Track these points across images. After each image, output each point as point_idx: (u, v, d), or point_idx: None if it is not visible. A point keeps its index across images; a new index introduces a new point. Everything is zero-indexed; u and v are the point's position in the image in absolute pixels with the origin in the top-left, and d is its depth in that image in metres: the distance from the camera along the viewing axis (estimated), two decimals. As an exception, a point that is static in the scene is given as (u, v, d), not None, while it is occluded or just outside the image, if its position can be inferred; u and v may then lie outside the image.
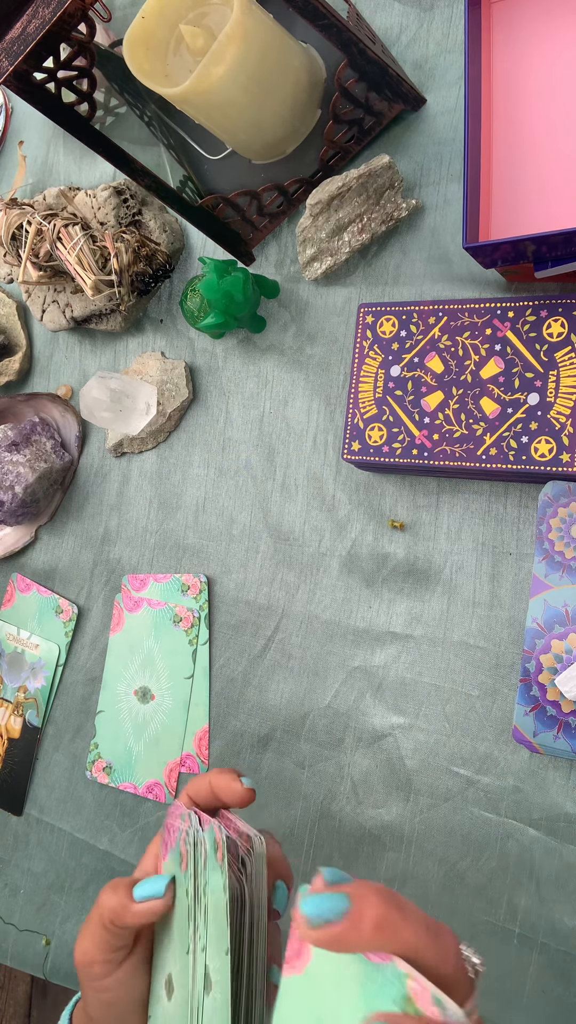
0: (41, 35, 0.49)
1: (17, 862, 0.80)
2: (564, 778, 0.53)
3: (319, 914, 0.30)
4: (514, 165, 0.51)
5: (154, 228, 0.73)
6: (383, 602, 0.61)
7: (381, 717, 0.60)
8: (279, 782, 0.64)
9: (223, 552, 0.69)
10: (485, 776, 0.55)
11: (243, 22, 0.53)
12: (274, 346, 0.68)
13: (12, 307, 0.84)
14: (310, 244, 0.63)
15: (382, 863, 0.59)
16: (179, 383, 0.71)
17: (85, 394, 0.70)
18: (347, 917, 0.30)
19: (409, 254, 0.61)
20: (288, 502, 0.66)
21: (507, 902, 0.54)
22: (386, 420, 0.56)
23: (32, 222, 0.71)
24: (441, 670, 0.58)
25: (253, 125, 0.61)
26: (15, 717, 0.81)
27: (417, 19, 0.62)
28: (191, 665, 0.70)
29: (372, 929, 0.30)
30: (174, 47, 0.58)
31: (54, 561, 0.81)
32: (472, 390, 0.53)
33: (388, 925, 0.30)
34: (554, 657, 0.50)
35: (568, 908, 0.52)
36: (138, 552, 0.75)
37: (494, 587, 0.56)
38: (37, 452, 0.77)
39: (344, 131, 0.61)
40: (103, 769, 0.74)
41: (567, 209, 0.49)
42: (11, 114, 0.89)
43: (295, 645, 0.65)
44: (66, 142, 0.83)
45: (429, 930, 0.30)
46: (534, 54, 0.52)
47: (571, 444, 0.50)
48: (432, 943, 0.30)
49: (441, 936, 0.31)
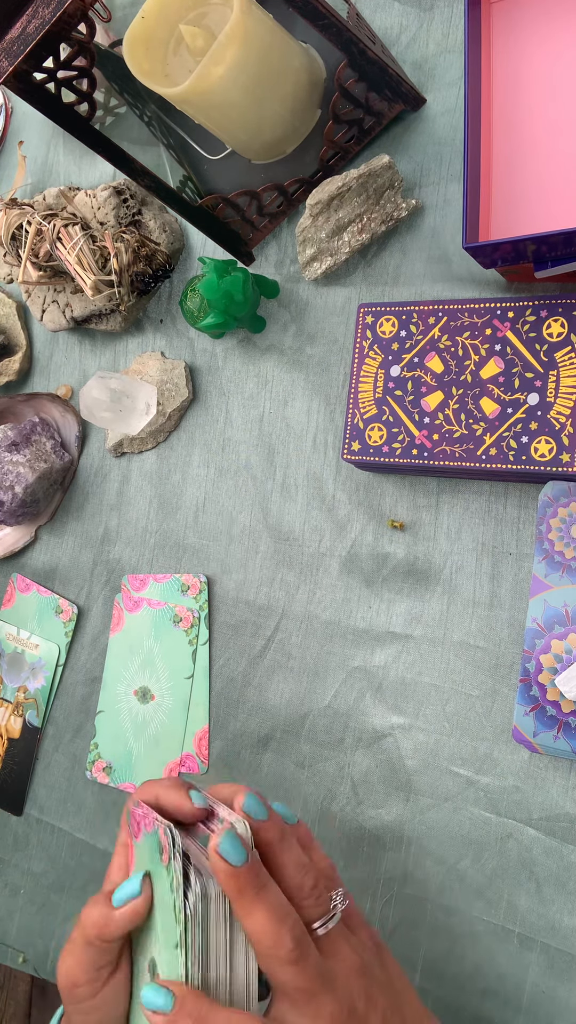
0: (41, 35, 0.49)
1: (17, 862, 0.80)
2: (564, 778, 0.53)
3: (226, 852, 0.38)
4: (514, 165, 0.51)
5: (154, 228, 0.73)
6: (383, 602, 0.61)
7: (381, 717, 0.60)
8: (279, 782, 0.64)
9: (223, 552, 0.69)
10: (485, 776, 0.55)
11: (243, 22, 0.53)
12: (274, 346, 0.68)
13: (12, 307, 0.84)
14: (310, 244, 0.63)
15: (382, 863, 0.59)
16: (179, 383, 0.71)
17: (85, 394, 0.70)
18: None
19: (409, 254, 0.61)
20: (288, 502, 0.66)
21: (507, 902, 0.54)
22: (386, 420, 0.56)
23: (32, 222, 0.71)
24: (441, 670, 0.58)
25: (253, 125, 0.61)
26: (15, 717, 0.81)
27: (417, 19, 0.62)
28: (191, 665, 0.70)
29: None
30: (174, 47, 0.58)
31: (54, 561, 0.81)
32: (472, 390, 0.53)
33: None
34: (554, 657, 0.50)
35: (568, 908, 0.52)
36: (138, 552, 0.75)
37: (494, 587, 0.56)
38: (37, 452, 0.77)
39: (344, 131, 0.61)
40: (103, 769, 0.74)
41: (567, 209, 0.49)
42: (11, 114, 0.89)
43: (295, 645, 0.65)
44: (66, 142, 0.83)
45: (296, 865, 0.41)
46: (534, 54, 0.52)
47: (571, 444, 0.50)
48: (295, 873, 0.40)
49: (281, 927, 0.37)
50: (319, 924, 0.40)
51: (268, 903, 0.37)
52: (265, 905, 0.37)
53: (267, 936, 0.37)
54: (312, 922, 0.40)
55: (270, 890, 0.38)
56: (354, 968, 0.39)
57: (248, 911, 0.37)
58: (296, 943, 0.37)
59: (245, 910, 0.37)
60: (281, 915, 0.37)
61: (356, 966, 0.39)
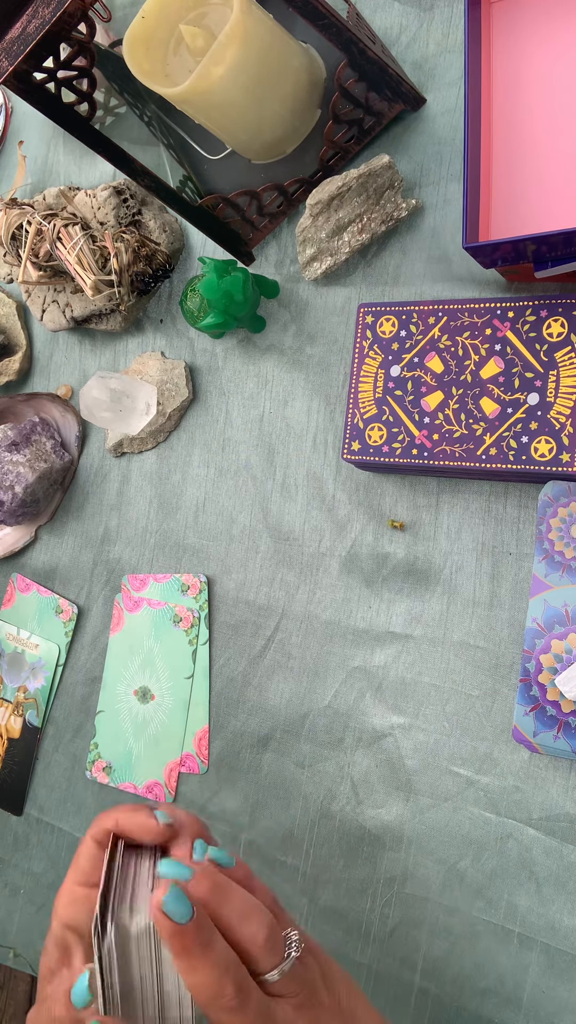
0: (41, 35, 0.49)
1: (17, 862, 0.80)
2: (564, 778, 0.53)
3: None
4: (514, 165, 0.51)
5: (154, 228, 0.73)
6: (383, 602, 0.61)
7: (381, 717, 0.60)
8: (279, 782, 0.64)
9: (223, 552, 0.69)
10: (485, 776, 0.55)
11: (243, 22, 0.53)
12: (274, 346, 0.68)
13: (12, 307, 0.84)
14: (310, 244, 0.63)
15: (382, 863, 0.59)
16: (179, 383, 0.71)
17: (85, 394, 0.70)
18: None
19: (409, 254, 0.61)
20: (288, 502, 0.66)
21: (507, 902, 0.54)
22: (386, 420, 0.56)
23: (32, 222, 0.71)
24: (441, 670, 0.58)
25: (253, 125, 0.61)
26: (15, 717, 0.81)
27: (417, 19, 0.62)
28: (191, 665, 0.70)
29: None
30: (174, 47, 0.58)
31: (54, 561, 0.81)
32: (472, 390, 0.53)
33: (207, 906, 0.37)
34: (554, 657, 0.50)
35: (568, 908, 0.52)
36: (138, 552, 0.75)
37: (494, 587, 0.56)
38: (37, 452, 0.77)
39: (344, 131, 0.61)
40: (103, 769, 0.74)
41: (567, 209, 0.49)
42: (11, 114, 0.89)
43: (295, 645, 0.65)
44: (66, 142, 0.83)
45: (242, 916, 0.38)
46: (534, 54, 0.52)
47: (571, 444, 0.50)
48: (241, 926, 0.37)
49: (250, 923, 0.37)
50: (273, 974, 0.38)
51: (212, 960, 0.35)
52: (209, 962, 0.35)
53: (208, 989, 0.35)
54: (263, 973, 0.38)
55: (215, 946, 0.36)
56: (302, 1004, 0.38)
57: (192, 968, 0.35)
58: (237, 990, 0.35)
59: (189, 967, 0.35)
60: (223, 967, 0.36)
61: (304, 1001, 0.38)
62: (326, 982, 0.40)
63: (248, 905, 0.39)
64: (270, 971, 0.38)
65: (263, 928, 0.38)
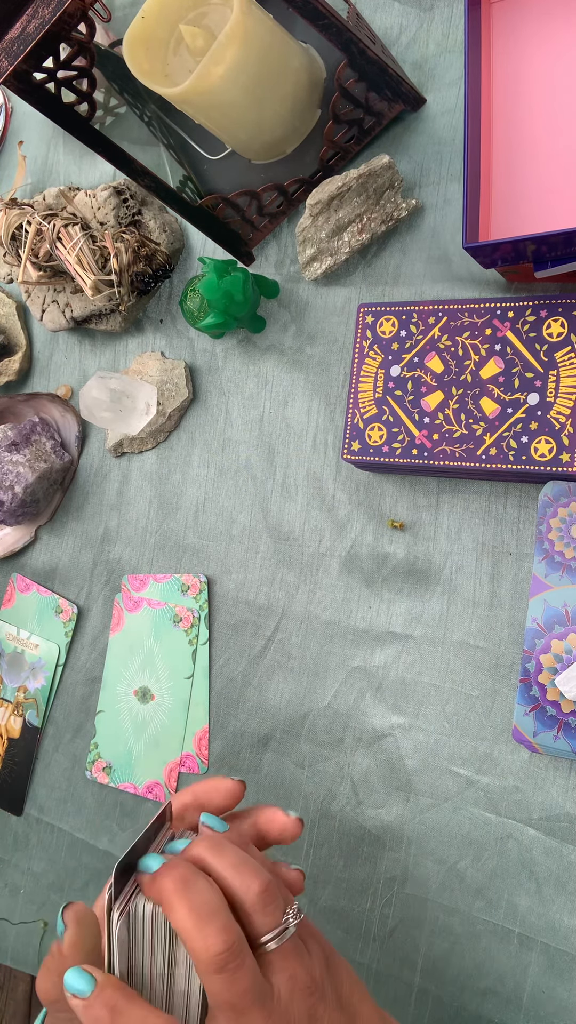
0: (41, 35, 0.49)
1: (17, 862, 0.80)
2: (564, 778, 0.53)
3: None
4: (514, 165, 0.51)
5: (154, 228, 0.73)
6: (383, 602, 0.61)
7: (381, 717, 0.60)
8: (279, 782, 0.64)
9: (223, 552, 0.69)
10: (485, 776, 0.55)
11: (243, 22, 0.52)
12: (274, 346, 0.68)
13: (12, 307, 0.84)
14: (310, 244, 0.63)
15: (382, 863, 0.59)
16: (179, 383, 0.71)
17: (85, 394, 0.70)
18: None
19: (409, 254, 0.61)
20: (288, 502, 0.66)
21: (507, 902, 0.54)
22: (386, 420, 0.56)
23: (32, 222, 0.71)
24: (441, 670, 0.58)
25: (253, 125, 0.61)
26: (15, 717, 0.81)
27: (417, 19, 0.62)
28: (191, 665, 0.70)
29: None
30: (174, 47, 0.58)
31: (54, 561, 0.81)
32: (472, 390, 0.53)
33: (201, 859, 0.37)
34: (554, 657, 0.50)
35: (568, 908, 0.52)
36: (138, 552, 0.75)
37: (494, 587, 0.56)
38: (37, 452, 0.77)
39: (344, 131, 0.61)
40: (103, 769, 0.74)
41: (567, 209, 0.49)
42: (11, 114, 0.89)
43: (295, 645, 0.65)
44: (66, 142, 0.83)
45: (235, 865, 0.37)
46: (534, 54, 0.52)
47: (571, 444, 0.50)
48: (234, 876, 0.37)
49: (245, 874, 0.37)
50: (270, 937, 0.36)
51: (190, 900, 0.34)
52: (186, 902, 0.34)
53: (191, 938, 0.34)
54: (261, 935, 0.36)
55: (196, 887, 0.35)
56: (301, 987, 0.36)
57: (169, 907, 0.34)
58: (226, 947, 0.33)
59: (168, 907, 0.35)
60: (206, 913, 0.34)
61: (304, 984, 0.36)
62: (329, 970, 0.39)
63: (242, 858, 0.37)
64: (267, 933, 0.36)
65: (257, 879, 0.36)
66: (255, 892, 0.36)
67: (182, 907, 0.34)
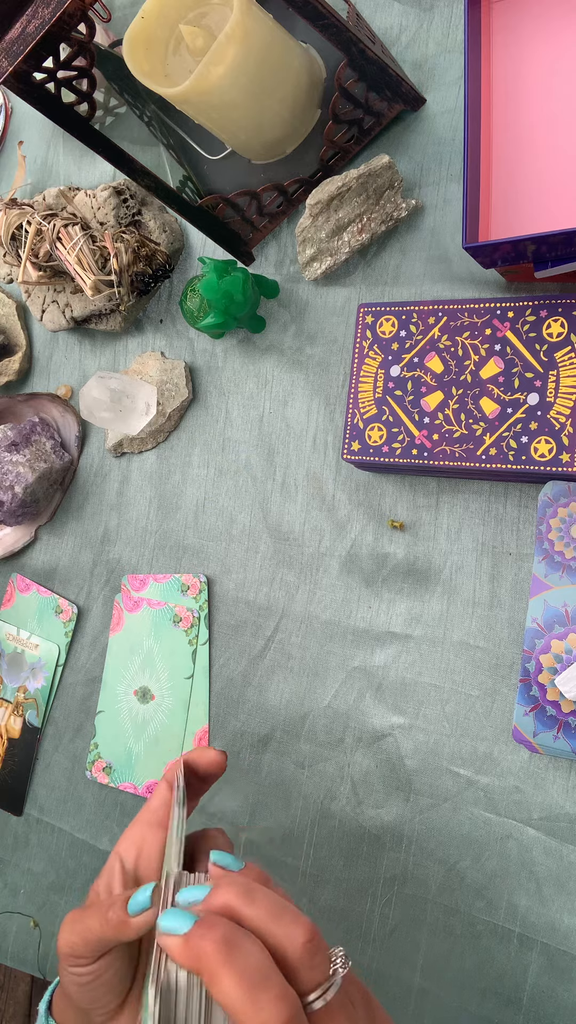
0: (41, 35, 0.49)
1: (17, 862, 0.80)
2: (564, 778, 0.53)
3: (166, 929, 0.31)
4: (514, 165, 0.51)
5: (154, 228, 0.73)
6: (383, 602, 0.61)
7: (381, 717, 0.60)
8: (279, 782, 0.64)
9: (223, 552, 0.69)
10: (485, 776, 0.55)
11: (243, 22, 0.52)
12: (274, 346, 0.68)
13: (12, 307, 0.84)
14: (310, 244, 0.63)
15: (382, 863, 0.59)
16: (179, 383, 0.71)
17: (85, 394, 0.70)
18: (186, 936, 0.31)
19: (409, 254, 0.61)
20: (288, 502, 0.66)
21: (507, 902, 0.54)
22: (386, 420, 0.56)
23: (32, 222, 0.71)
24: (441, 670, 0.58)
25: (253, 125, 0.61)
26: (15, 717, 0.81)
27: (417, 19, 0.62)
28: (191, 665, 0.70)
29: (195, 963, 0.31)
30: (174, 47, 0.58)
31: (54, 561, 0.81)
32: (472, 390, 0.53)
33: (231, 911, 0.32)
34: (554, 657, 0.50)
35: (568, 908, 0.52)
36: (138, 552, 0.75)
37: (494, 587, 0.56)
38: (37, 452, 0.77)
39: (344, 131, 0.61)
40: (103, 769, 0.74)
41: (567, 209, 0.49)
42: (11, 114, 0.89)
43: (295, 645, 0.65)
44: (66, 142, 0.83)
45: (276, 915, 0.32)
46: (534, 54, 0.52)
47: (571, 444, 0.50)
48: (276, 927, 0.32)
49: (287, 923, 0.32)
50: (317, 995, 0.32)
51: (237, 967, 0.29)
52: (233, 969, 0.29)
53: (243, 1011, 0.29)
54: (307, 993, 0.31)
55: (242, 950, 0.30)
56: None
57: (213, 977, 0.29)
58: (287, 1019, 0.29)
59: (210, 979, 0.30)
60: (258, 980, 0.29)
61: None
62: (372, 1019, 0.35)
63: (278, 904, 0.33)
64: (313, 990, 0.32)
65: (301, 928, 0.32)
66: (300, 944, 0.32)
67: (230, 976, 0.29)
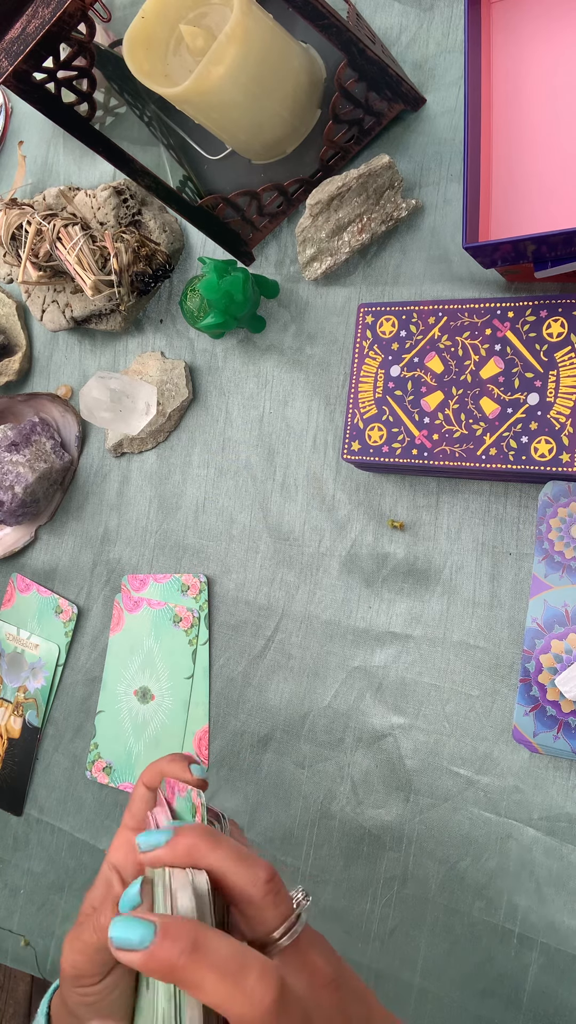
0: (41, 35, 0.49)
1: (17, 862, 0.80)
2: (564, 778, 0.53)
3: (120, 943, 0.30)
4: (514, 165, 0.51)
5: (154, 228, 0.73)
6: (383, 602, 0.61)
7: (381, 717, 0.60)
8: (279, 782, 0.64)
9: (223, 552, 0.69)
10: (485, 776, 0.55)
11: (243, 22, 0.52)
12: (274, 346, 0.68)
13: (12, 307, 0.84)
14: (310, 244, 0.63)
15: (382, 863, 0.59)
16: (179, 383, 0.71)
17: (85, 394, 0.70)
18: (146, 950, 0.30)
19: (409, 254, 0.61)
20: (288, 502, 0.66)
21: (507, 902, 0.54)
22: (386, 420, 0.56)
23: (32, 222, 0.71)
24: (441, 670, 0.58)
25: (253, 125, 0.61)
26: (15, 717, 0.81)
27: (417, 19, 0.62)
28: (191, 665, 0.70)
29: (184, 853, 0.33)
30: (174, 47, 0.58)
31: (54, 561, 0.81)
32: (472, 390, 0.53)
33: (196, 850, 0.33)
34: (554, 657, 0.50)
35: (568, 908, 0.52)
36: (138, 552, 0.75)
37: (494, 587, 0.56)
38: (37, 452, 0.77)
39: (344, 131, 0.61)
40: (103, 769, 0.74)
41: (567, 209, 0.49)
42: (11, 114, 0.89)
43: (295, 645, 0.65)
44: (66, 142, 0.83)
45: (238, 857, 0.33)
46: (534, 54, 0.52)
47: (571, 444, 0.50)
48: (239, 868, 0.33)
49: (250, 865, 0.33)
50: (283, 931, 0.32)
51: (213, 963, 0.29)
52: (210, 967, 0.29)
53: (233, 1002, 0.29)
54: (274, 930, 0.32)
55: (210, 946, 0.29)
56: (323, 982, 0.33)
57: (194, 985, 0.29)
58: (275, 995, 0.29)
59: (191, 986, 0.29)
60: (236, 968, 0.29)
61: (327, 979, 0.33)
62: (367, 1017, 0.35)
63: (240, 848, 0.33)
64: (279, 927, 0.32)
65: (262, 869, 0.32)
66: (263, 882, 0.32)
67: (211, 977, 0.29)
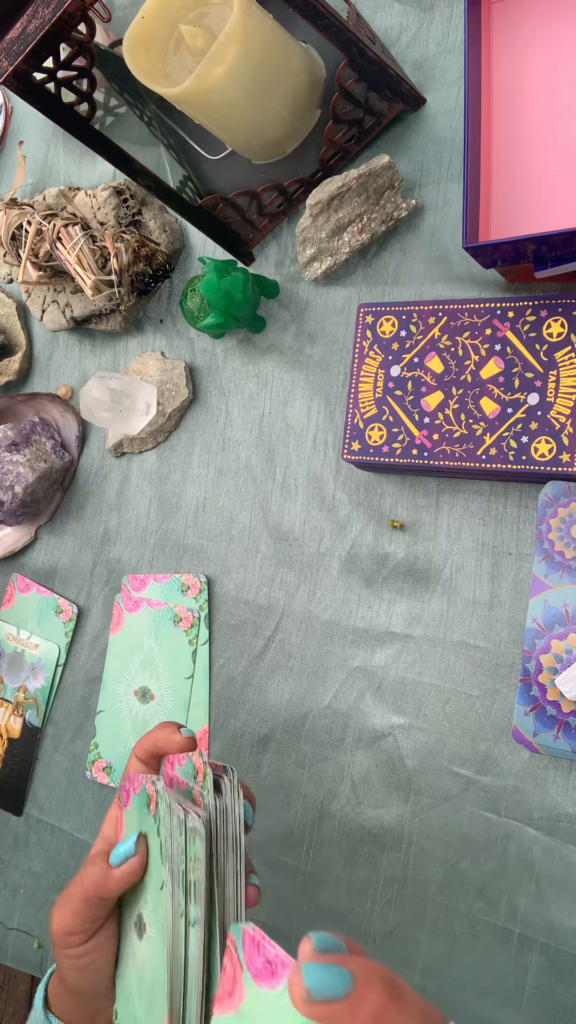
0: (41, 35, 0.49)
1: (17, 862, 0.80)
2: (564, 778, 0.53)
3: (320, 989, 0.29)
4: (514, 165, 0.51)
5: (154, 228, 0.73)
6: (383, 602, 0.61)
7: (381, 717, 0.60)
8: (279, 782, 0.64)
9: (223, 552, 0.69)
10: (485, 776, 0.55)
11: (243, 22, 0.52)
12: (274, 346, 0.68)
13: (12, 307, 0.84)
14: (310, 244, 0.63)
15: (382, 863, 0.59)
16: (179, 383, 0.71)
17: (85, 394, 0.70)
18: (348, 999, 0.29)
19: (409, 254, 0.61)
20: (288, 502, 0.66)
21: (507, 902, 0.54)
22: (386, 420, 0.56)
23: (32, 222, 0.71)
24: (441, 670, 0.58)
25: (253, 125, 0.61)
26: (15, 717, 0.81)
27: (417, 19, 0.62)
28: (191, 665, 0.70)
29: (369, 1020, 0.29)
30: (174, 47, 0.58)
31: (54, 561, 0.81)
32: (472, 390, 0.53)
33: (386, 1019, 0.29)
34: (554, 657, 0.50)
35: (568, 908, 0.52)
36: (138, 552, 0.75)
37: (494, 587, 0.56)
38: (37, 452, 0.77)
39: (344, 131, 0.61)
40: (103, 769, 0.74)
41: (567, 209, 0.49)
42: (11, 114, 0.89)
43: (295, 645, 0.65)
44: (66, 142, 0.83)
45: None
46: (534, 54, 0.52)
47: (571, 444, 0.50)
48: None
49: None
50: None
51: (406, 1004, 0.30)
52: (405, 1008, 0.30)
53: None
54: None
55: (399, 983, 0.30)
56: None
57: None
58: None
59: None
60: (397, 991, 0.30)
61: None
62: None
63: None
64: None
65: None
66: None
67: (405, 1014, 0.30)
